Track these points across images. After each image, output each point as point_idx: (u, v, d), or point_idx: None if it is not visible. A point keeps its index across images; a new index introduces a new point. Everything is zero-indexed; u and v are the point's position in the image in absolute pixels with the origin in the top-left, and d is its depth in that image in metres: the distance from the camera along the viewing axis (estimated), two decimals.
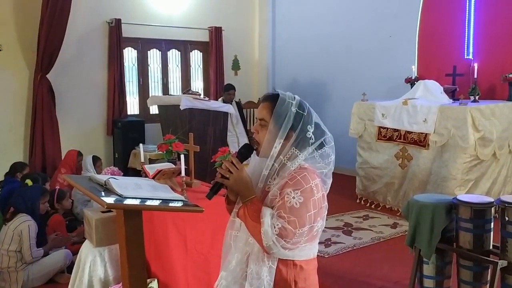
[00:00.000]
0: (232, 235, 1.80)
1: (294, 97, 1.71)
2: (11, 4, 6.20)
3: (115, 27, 6.96)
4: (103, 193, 1.89)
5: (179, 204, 1.95)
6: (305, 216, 1.58)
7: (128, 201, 1.87)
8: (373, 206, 5.73)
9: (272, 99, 1.70)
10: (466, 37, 5.77)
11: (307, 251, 1.70)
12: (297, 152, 1.67)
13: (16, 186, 4.51)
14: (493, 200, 2.96)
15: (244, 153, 1.75)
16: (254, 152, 1.76)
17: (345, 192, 6.19)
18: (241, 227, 1.75)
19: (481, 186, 4.96)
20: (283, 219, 1.57)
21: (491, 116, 4.86)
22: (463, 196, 3.06)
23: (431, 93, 5.36)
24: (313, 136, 1.68)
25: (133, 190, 1.92)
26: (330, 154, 1.72)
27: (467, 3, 5.72)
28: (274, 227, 1.56)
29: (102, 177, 2.04)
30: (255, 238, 1.63)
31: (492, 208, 2.92)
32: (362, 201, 5.90)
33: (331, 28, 7.60)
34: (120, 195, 1.85)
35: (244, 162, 1.75)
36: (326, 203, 1.70)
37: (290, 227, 1.56)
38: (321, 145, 1.70)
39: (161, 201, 1.93)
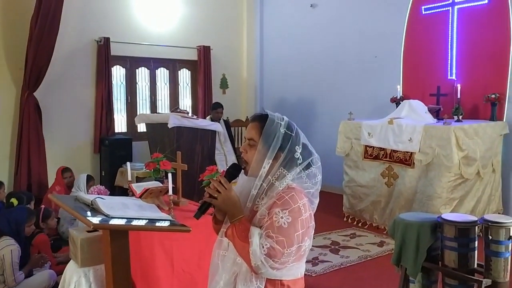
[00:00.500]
0: (220, 255, 1.80)
1: (283, 118, 1.74)
2: None
3: (103, 45, 6.98)
4: (89, 213, 1.88)
5: (166, 223, 1.95)
6: (293, 235, 1.59)
7: (114, 221, 1.86)
8: (360, 224, 5.75)
9: (261, 119, 1.73)
10: (449, 58, 5.91)
11: (294, 271, 1.71)
12: (285, 172, 1.69)
13: None
14: (477, 219, 3.00)
15: (232, 172, 1.77)
16: (242, 171, 1.78)
17: (332, 210, 6.21)
18: (229, 247, 1.75)
19: (466, 205, 5.02)
20: (272, 238, 1.58)
21: (474, 135, 4.95)
22: (448, 215, 3.10)
23: (416, 112, 5.45)
24: (300, 156, 1.71)
25: (119, 210, 1.91)
26: (317, 174, 1.74)
27: (450, 25, 5.87)
28: (263, 247, 1.57)
29: (88, 197, 2.04)
30: (243, 258, 1.64)
31: (476, 227, 2.96)
32: (349, 220, 5.92)
33: (318, 49, 7.73)
34: (106, 215, 1.84)
35: (232, 181, 1.77)
36: (313, 223, 1.71)
37: (279, 247, 1.57)
38: (308, 166, 1.73)
39: (147, 221, 1.93)
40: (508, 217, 2.92)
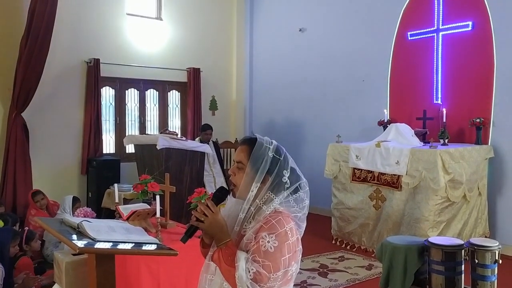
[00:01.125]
0: (207, 279, 1.79)
1: (272, 142, 1.76)
2: None
3: (93, 66, 7.00)
4: (75, 236, 1.86)
5: (153, 247, 1.94)
6: (280, 260, 1.59)
7: (100, 245, 1.85)
8: (348, 247, 5.74)
9: (250, 143, 1.75)
10: (434, 83, 6.03)
11: None
12: (273, 196, 1.70)
13: None
14: (463, 242, 3.02)
15: (220, 196, 1.78)
16: (230, 194, 1.79)
17: (320, 233, 6.20)
18: (216, 271, 1.75)
19: (453, 228, 5.04)
20: (258, 263, 1.58)
21: (460, 159, 5.02)
22: (434, 239, 3.12)
23: (402, 136, 5.51)
24: (288, 180, 1.72)
25: (106, 234, 1.90)
26: (304, 199, 1.75)
27: (435, 51, 6.01)
28: (249, 272, 1.57)
29: (75, 220, 2.02)
30: (229, 283, 1.63)
31: (463, 251, 2.98)
32: (338, 242, 5.91)
33: (307, 72, 7.83)
34: (92, 239, 1.83)
35: (220, 204, 1.77)
36: (301, 247, 1.71)
37: (265, 272, 1.57)
38: (296, 190, 1.74)
39: (134, 244, 1.91)
40: (493, 241, 2.95)
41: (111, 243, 1.87)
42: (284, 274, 1.62)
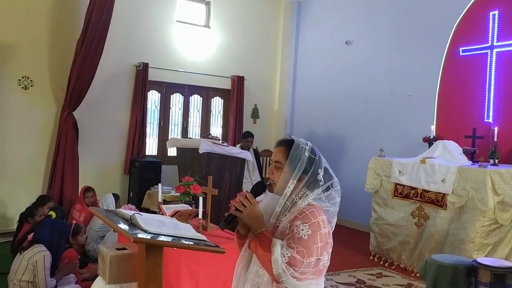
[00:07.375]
0: (243, 267, 1.91)
1: (307, 143, 1.89)
2: (47, 43, 6.50)
3: (142, 70, 7.21)
4: (127, 227, 1.92)
5: (202, 244, 1.97)
6: (313, 247, 1.70)
7: (156, 237, 1.90)
8: (387, 264, 5.60)
9: (287, 144, 1.88)
10: (486, 101, 5.82)
11: (314, 287, 1.78)
12: (308, 192, 1.83)
13: None
14: None
15: (257, 189, 1.92)
16: (267, 191, 1.90)
17: (358, 247, 6.08)
18: (252, 260, 1.87)
19: (500, 252, 4.82)
20: (292, 249, 1.69)
21: (511, 180, 4.81)
22: (483, 259, 3.01)
23: (449, 153, 5.35)
24: (322, 179, 1.85)
25: (157, 227, 1.95)
26: (335, 196, 1.87)
27: (488, 68, 5.82)
28: (284, 256, 1.68)
29: (127, 212, 2.08)
30: (265, 267, 1.74)
31: None
32: (376, 258, 5.77)
33: (351, 85, 7.77)
34: (144, 230, 1.88)
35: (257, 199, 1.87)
36: (332, 241, 1.81)
37: (299, 257, 1.68)
38: (328, 188, 1.86)
39: (184, 239, 1.95)
40: None
41: (170, 237, 1.92)
42: (316, 262, 1.72)
